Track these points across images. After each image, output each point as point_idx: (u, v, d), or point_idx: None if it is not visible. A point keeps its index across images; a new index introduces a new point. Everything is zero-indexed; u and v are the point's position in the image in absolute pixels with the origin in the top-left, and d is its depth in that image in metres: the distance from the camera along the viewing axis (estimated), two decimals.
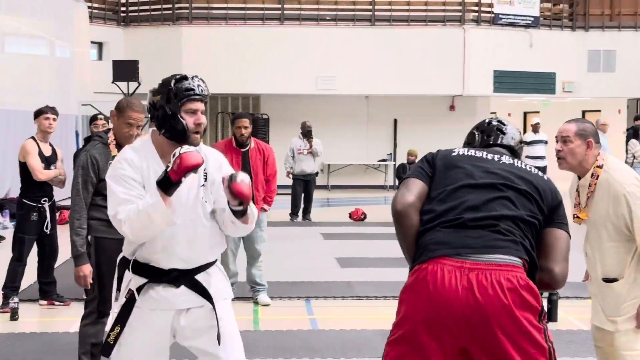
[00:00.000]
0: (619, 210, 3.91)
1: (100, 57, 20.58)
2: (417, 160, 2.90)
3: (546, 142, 16.58)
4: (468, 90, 20.99)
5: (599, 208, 3.97)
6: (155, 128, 3.49)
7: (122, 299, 3.45)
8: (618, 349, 4.06)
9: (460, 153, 3.19)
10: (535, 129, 16.90)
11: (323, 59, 20.48)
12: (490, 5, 21.14)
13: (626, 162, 14.56)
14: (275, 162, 7.88)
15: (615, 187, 3.93)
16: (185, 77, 3.44)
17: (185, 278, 3.45)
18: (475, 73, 20.79)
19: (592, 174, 4.01)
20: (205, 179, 3.47)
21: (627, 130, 18.14)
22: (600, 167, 4.00)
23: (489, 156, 3.18)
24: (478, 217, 2.95)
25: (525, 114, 26.74)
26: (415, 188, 3.10)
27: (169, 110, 3.38)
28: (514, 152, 3.37)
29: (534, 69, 21.35)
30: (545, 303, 7.22)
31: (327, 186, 21.53)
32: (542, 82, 21.69)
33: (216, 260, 3.61)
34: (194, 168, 3.17)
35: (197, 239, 3.45)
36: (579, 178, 4.10)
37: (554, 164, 4.65)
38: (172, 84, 3.41)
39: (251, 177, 7.66)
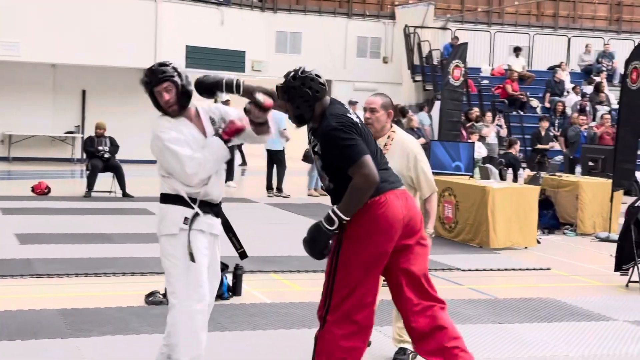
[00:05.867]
0: (409, 165, 5.21)
1: None
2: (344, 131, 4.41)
3: None
4: None
5: (393, 162, 4.73)
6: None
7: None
8: None
9: (356, 121, 4.29)
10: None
11: (5, 23, 19.21)
12: None
13: None
14: None
15: (407, 147, 5.23)
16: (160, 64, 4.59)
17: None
18: (168, 47, 20.64)
19: (389, 136, 5.24)
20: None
21: None
22: (394, 131, 5.27)
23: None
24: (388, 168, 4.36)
25: None
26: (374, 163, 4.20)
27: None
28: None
29: (224, 47, 21.68)
30: (230, 278, 7.38)
31: (8, 158, 20.35)
32: (233, 60, 22.08)
33: None
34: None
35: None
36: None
37: None
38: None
39: None
